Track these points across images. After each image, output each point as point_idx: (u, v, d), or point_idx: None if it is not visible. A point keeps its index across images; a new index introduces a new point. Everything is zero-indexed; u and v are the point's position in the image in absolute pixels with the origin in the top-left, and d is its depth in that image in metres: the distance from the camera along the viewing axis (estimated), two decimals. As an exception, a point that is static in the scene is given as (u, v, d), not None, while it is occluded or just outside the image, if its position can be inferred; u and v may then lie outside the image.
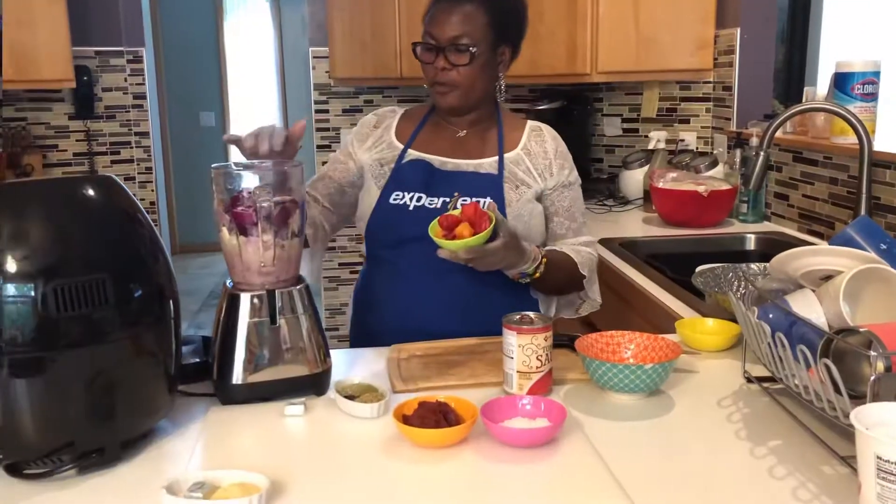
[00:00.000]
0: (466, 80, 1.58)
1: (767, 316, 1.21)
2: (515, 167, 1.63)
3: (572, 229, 1.69)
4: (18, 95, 3.59)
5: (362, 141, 1.70)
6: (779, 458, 1.04)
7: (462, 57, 1.56)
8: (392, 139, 1.68)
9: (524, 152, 1.66)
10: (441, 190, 1.59)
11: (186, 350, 1.32)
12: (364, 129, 1.72)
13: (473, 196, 1.57)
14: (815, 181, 2.46)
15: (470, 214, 1.36)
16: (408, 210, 1.58)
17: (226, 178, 1.22)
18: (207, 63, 7.08)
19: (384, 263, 1.63)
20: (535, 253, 1.51)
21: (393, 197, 1.60)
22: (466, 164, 1.63)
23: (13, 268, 0.96)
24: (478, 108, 1.66)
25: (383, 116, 1.73)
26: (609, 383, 1.21)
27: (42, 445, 1.00)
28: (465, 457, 1.06)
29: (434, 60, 1.58)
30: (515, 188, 1.61)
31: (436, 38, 1.57)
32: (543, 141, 1.68)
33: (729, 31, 2.93)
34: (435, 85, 1.60)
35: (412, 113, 1.73)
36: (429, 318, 1.55)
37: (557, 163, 1.67)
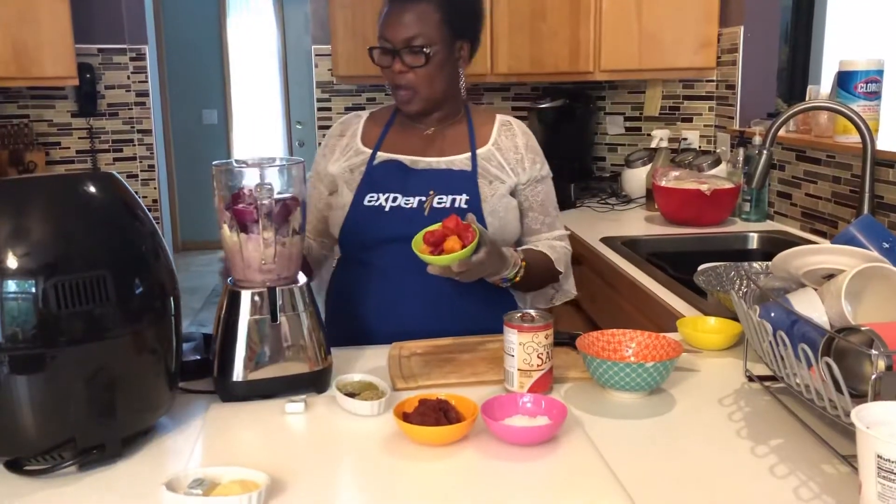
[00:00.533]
0: (424, 81, 1.57)
1: (769, 314, 1.20)
2: (487, 163, 1.63)
3: (546, 224, 1.69)
4: (21, 93, 3.60)
5: (329, 154, 1.69)
6: (780, 456, 1.04)
7: (417, 58, 1.54)
8: (359, 145, 1.67)
9: (495, 147, 1.65)
10: (416, 189, 1.58)
11: (187, 347, 1.32)
12: (331, 141, 1.71)
13: (449, 193, 1.57)
14: (818, 180, 2.45)
15: (454, 227, 1.35)
16: (384, 211, 1.57)
17: (227, 176, 1.22)
18: (210, 61, 7.09)
19: (361, 265, 1.62)
20: (515, 258, 1.51)
21: (367, 199, 1.58)
22: (438, 162, 1.63)
23: (14, 264, 0.96)
24: (442, 107, 1.65)
25: (348, 124, 1.72)
26: (610, 382, 1.21)
27: (43, 442, 1.00)
28: (466, 455, 1.06)
29: (391, 64, 1.56)
30: (489, 183, 1.61)
31: (390, 40, 1.55)
32: (514, 135, 1.68)
33: (732, 30, 2.92)
34: (395, 88, 1.59)
35: (377, 115, 1.72)
36: (408, 318, 1.56)
37: (529, 157, 1.67)
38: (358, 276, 1.62)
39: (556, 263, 1.64)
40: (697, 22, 2.95)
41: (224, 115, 7.23)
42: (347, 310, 1.64)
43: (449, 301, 1.57)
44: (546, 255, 1.63)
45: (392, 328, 1.52)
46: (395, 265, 1.56)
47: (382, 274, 1.58)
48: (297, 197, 1.24)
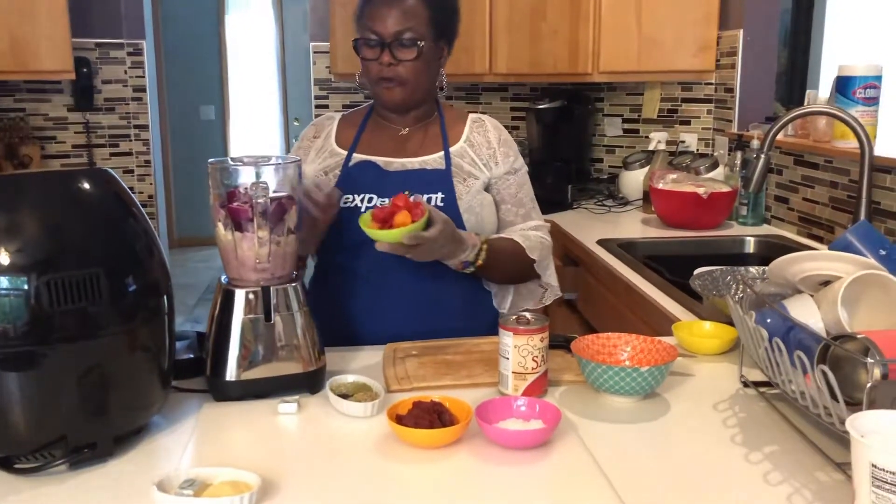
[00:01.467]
0: (412, 75, 1.57)
1: (765, 320, 1.20)
2: (460, 160, 1.63)
3: (520, 215, 1.68)
4: (18, 86, 3.58)
5: (304, 156, 1.68)
6: (774, 463, 1.04)
7: (409, 51, 1.55)
8: (333, 146, 1.66)
9: (467, 144, 1.65)
10: (391, 190, 1.55)
11: (180, 346, 1.31)
12: (304, 142, 1.70)
13: (424, 192, 1.57)
14: (815, 185, 2.45)
15: (403, 205, 1.35)
16: (359, 212, 1.55)
17: (222, 174, 1.22)
18: (208, 57, 7.07)
19: (339, 269, 1.61)
20: (473, 240, 1.50)
21: (343, 200, 1.57)
22: (412, 163, 1.62)
23: (6, 260, 0.95)
24: (421, 105, 1.65)
25: (321, 126, 1.71)
26: (604, 385, 1.21)
27: (34, 440, 0.99)
28: (459, 458, 1.05)
29: (378, 56, 1.56)
30: (463, 181, 1.61)
31: (379, 33, 1.55)
32: (486, 131, 1.68)
33: (732, 33, 2.92)
34: (380, 81, 1.58)
35: (350, 118, 1.72)
36: (391, 320, 1.55)
37: (502, 151, 1.66)
38: (338, 281, 1.61)
39: (528, 251, 1.61)
40: (697, 24, 2.95)
41: (221, 112, 7.22)
42: (330, 316, 1.60)
43: (431, 300, 1.56)
44: (515, 242, 1.61)
45: (376, 331, 1.52)
46: (374, 267, 1.56)
47: (363, 277, 1.58)
48: (292, 196, 1.24)
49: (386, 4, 1.55)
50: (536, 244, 1.64)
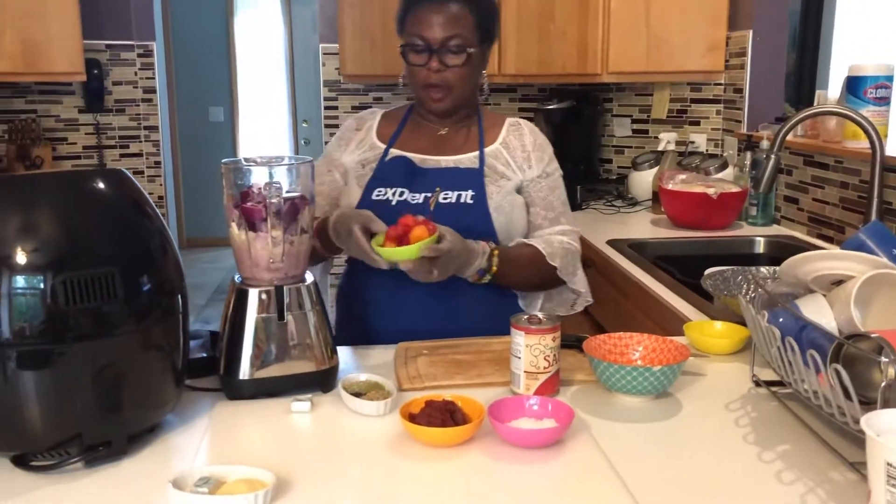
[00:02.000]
0: (460, 81, 1.58)
1: (777, 320, 1.20)
2: (494, 161, 1.64)
3: (549, 219, 1.67)
4: (29, 88, 3.60)
5: (345, 145, 1.69)
6: (787, 463, 1.04)
7: (457, 57, 1.55)
8: (374, 140, 1.68)
9: (503, 146, 1.66)
10: (423, 186, 1.59)
11: (194, 345, 1.32)
12: (346, 133, 1.71)
13: (454, 189, 1.58)
14: (825, 185, 2.45)
15: (412, 223, 1.34)
16: (390, 205, 1.57)
17: (235, 174, 1.22)
18: (217, 58, 7.10)
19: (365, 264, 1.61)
20: (481, 247, 1.50)
21: (375, 193, 1.59)
22: (446, 161, 1.63)
23: (22, 260, 0.96)
24: (465, 108, 1.66)
25: (363, 119, 1.73)
26: (616, 385, 1.21)
27: (49, 438, 1.00)
28: (472, 456, 1.06)
29: (426, 62, 1.56)
30: (495, 181, 1.62)
31: (426, 39, 1.55)
32: (522, 135, 1.68)
33: (741, 34, 2.92)
34: (427, 87, 1.59)
35: (391, 114, 1.73)
36: (412, 316, 1.56)
37: (536, 154, 1.67)
38: (365, 273, 1.62)
39: (548, 258, 1.59)
40: (706, 25, 2.94)
41: (231, 113, 7.23)
42: (355, 307, 1.64)
43: (454, 299, 1.56)
44: (534, 248, 1.60)
45: (397, 326, 1.52)
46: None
47: (386, 271, 1.58)
48: (305, 196, 1.24)
49: (433, 10, 1.55)
50: (558, 251, 1.62)
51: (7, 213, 0.97)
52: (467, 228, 1.55)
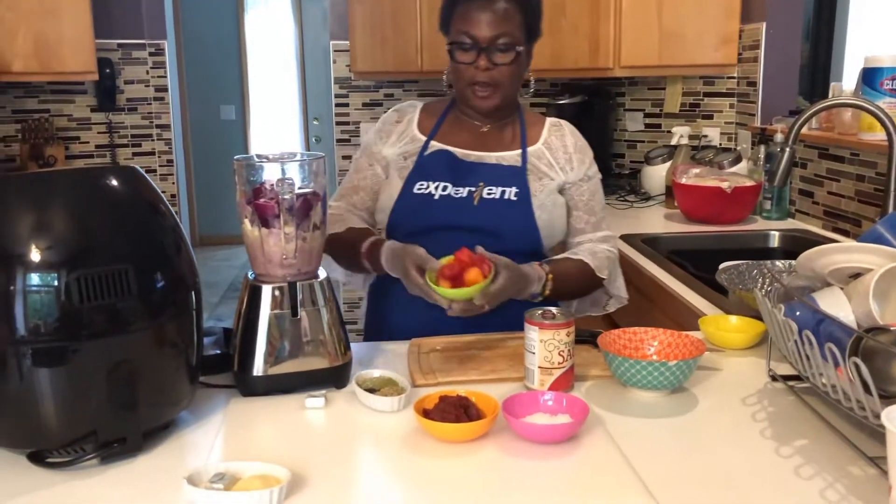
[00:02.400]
0: (507, 80, 1.56)
1: (794, 313, 1.19)
2: (537, 160, 1.63)
3: (591, 223, 1.67)
4: (42, 87, 3.62)
5: (385, 137, 1.68)
6: (805, 458, 1.02)
7: (506, 56, 1.54)
8: (415, 132, 1.67)
9: (545, 146, 1.65)
10: (466, 180, 1.59)
11: (207, 341, 1.32)
12: (387, 125, 1.70)
13: (498, 185, 1.57)
14: (841, 178, 2.42)
15: (468, 259, 1.32)
16: (433, 199, 1.57)
17: (248, 170, 1.22)
18: (228, 56, 7.11)
19: None
20: (538, 272, 1.49)
21: (417, 187, 1.59)
22: (489, 156, 1.63)
23: (37, 258, 0.96)
24: (509, 105, 1.64)
25: (404, 111, 1.72)
26: (632, 380, 1.20)
27: (65, 434, 1.00)
28: (486, 452, 1.05)
29: (474, 60, 1.54)
30: (539, 179, 1.61)
31: (475, 37, 1.53)
32: (563, 136, 1.68)
33: (754, 26, 2.89)
34: (474, 86, 1.57)
35: (431, 107, 1.72)
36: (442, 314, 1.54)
37: (577, 157, 1.66)
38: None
39: (597, 271, 1.61)
40: (718, 18, 2.92)
41: (242, 111, 7.25)
42: (388, 298, 1.63)
43: None
44: (583, 263, 1.60)
45: (428, 320, 1.50)
46: (437, 254, 1.55)
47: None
48: (317, 191, 1.24)
49: (481, 8, 1.53)
50: (604, 262, 1.63)
51: (21, 210, 0.98)
52: (510, 226, 1.56)
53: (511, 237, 1.57)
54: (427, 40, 3.38)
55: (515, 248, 1.55)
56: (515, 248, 1.55)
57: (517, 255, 1.56)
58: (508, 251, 1.53)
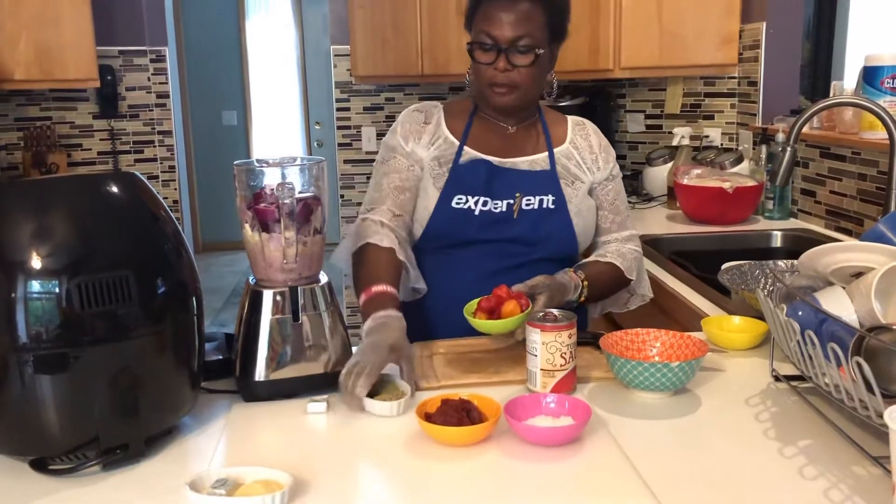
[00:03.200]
0: (527, 81, 1.54)
1: (797, 313, 1.19)
2: (567, 161, 1.62)
3: (616, 223, 1.68)
4: (44, 95, 3.63)
5: (418, 138, 1.62)
6: (809, 458, 1.02)
7: (525, 58, 1.51)
8: (447, 134, 1.62)
9: (572, 146, 1.64)
10: (502, 192, 1.56)
11: (209, 347, 1.32)
12: (415, 126, 1.63)
13: (535, 194, 1.56)
14: (843, 177, 2.42)
15: (506, 295, 1.32)
16: (473, 215, 1.54)
17: (248, 175, 1.22)
18: (229, 62, 7.12)
19: (437, 261, 1.59)
20: (575, 281, 1.50)
21: (455, 200, 1.55)
22: (521, 162, 1.60)
23: (38, 264, 0.96)
24: (529, 106, 1.63)
25: (429, 112, 1.66)
26: (634, 381, 1.20)
27: (67, 441, 1.00)
28: (489, 455, 1.05)
29: (494, 61, 1.52)
30: (571, 184, 1.60)
31: (495, 38, 1.51)
32: (588, 135, 1.67)
33: (754, 26, 2.89)
34: (492, 86, 1.55)
35: (452, 108, 1.67)
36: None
37: (603, 156, 1.66)
38: (435, 266, 1.60)
39: (626, 272, 1.62)
40: (719, 18, 2.92)
41: (244, 117, 7.26)
42: (427, 302, 1.61)
43: None
44: (614, 266, 1.61)
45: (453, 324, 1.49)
46: (470, 266, 1.56)
47: (461, 267, 1.57)
48: (318, 196, 1.24)
49: (503, 9, 1.51)
50: (632, 263, 1.64)
51: (21, 217, 0.98)
52: (549, 234, 1.56)
53: (550, 245, 1.57)
54: (427, 44, 3.38)
55: (552, 255, 1.57)
56: (552, 256, 1.57)
57: (552, 261, 1.56)
58: (545, 258, 1.56)
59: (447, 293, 1.57)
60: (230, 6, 7.07)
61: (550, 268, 1.52)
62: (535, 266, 1.53)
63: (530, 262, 1.56)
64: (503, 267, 1.55)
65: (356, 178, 4.03)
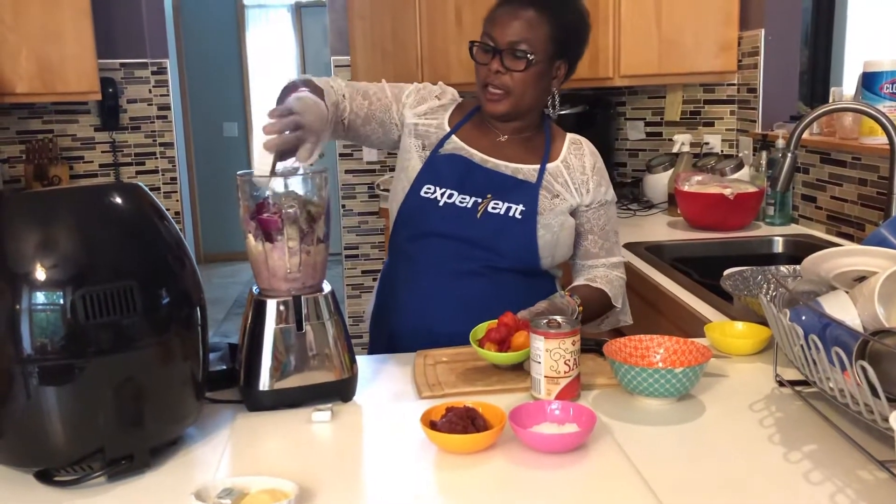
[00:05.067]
0: (518, 87, 1.56)
1: (800, 318, 1.19)
2: (553, 179, 1.62)
3: (605, 248, 1.68)
4: (45, 108, 3.64)
5: (419, 102, 1.68)
6: (814, 462, 1.02)
7: (518, 63, 1.54)
8: (444, 121, 1.67)
9: (563, 165, 1.64)
10: (473, 189, 1.58)
11: (213, 357, 1.32)
12: (426, 91, 1.70)
13: (505, 200, 1.57)
14: (843, 182, 2.42)
15: (513, 324, 1.33)
16: (437, 205, 1.57)
17: (251, 185, 1.22)
18: (230, 74, 7.15)
19: (404, 258, 1.62)
20: (572, 306, 1.51)
21: (424, 190, 1.59)
22: (506, 166, 1.62)
23: (42, 276, 0.96)
24: (524, 118, 1.63)
25: (445, 94, 1.71)
26: (638, 388, 1.20)
27: (72, 452, 1.00)
28: (494, 463, 1.05)
29: (489, 62, 1.56)
30: (550, 198, 1.60)
31: (495, 39, 1.55)
32: (582, 155, 1.66)
33: (753, 33, 2.90)
34: (486, 87, 1.58)
35: (463, 105, 1.72)
36: (442, 318, 1.54)
37: (595, 179, 1.65)
38: (400, 269, 1.63)
39: (613, 299, 1.65)
40: (717, 25, 2.93)
41: (244, 128, 7.28)
42: (388, 303, 1.64)
43: (485, 305, 1.53)
44: (604, 293, 1.64)
45: (427, 327, 1.52)
46: (435, 262, 1.56)
47: (422, 270, 1.58)
48: (321, 205, 1.24)
49: (509, 14, 1.55)
50: (619, 290, 1.67)
51: (25, 229, 0.98)
52: (510, 243, 1.56)
53: (510, 254, 1.57)
54: (427, 54, 3.39)
55: (513, 265, 1.57)
56: (513, 266, 1.57)
57: (515, 272, 1.57)
58: (506, 267, 1.55)
59: (409, 295, 1.59)
60: (230, 18, 7.11)
61: (513, 279, 1.54)
62: (497, 274, 1.54)
63: (492, 269, 1.56)
64: (465, 270, 1.54)
65: (357, 189, 4.04)
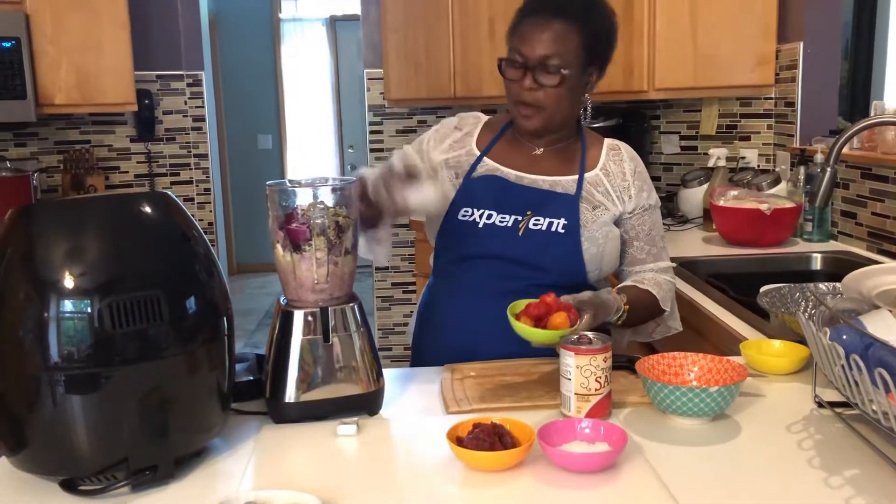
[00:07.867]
0: (553, 102, 1.52)
1: (841, 337, 1.15)
2: (594, 188, 1.58)
3: (652, 254, 1.63)
4: (83, 119, 3.70)
5: (440, 141, 1.65)
6: (857, 488, 0.98)
7: (552, 78, 1.49)
8: (472, 147, 1.63)
9: (603, 173, 1.60)
10: (513, 207, 1.54)
11: (240, 367, 1.31)
12: (444, 129, 1.67)
13: (546, 216, 1.53)
14: (885, 198, 2.36)
15: (553, 304, 1.28)
16: (476, 227, 1.53)
17: (280, 195, 1.22)
18: (265, 86, 7.22)
19: (447, 278, 1.60)
20: (618, 302, 1.45)
21: (462, 213, 1.55)
22: (543, 181, 1.58)
23: (70, 284, 0.96)
24: (559, 130, 1.59)
25: (466, 121, 1.68)
26: (671, 407, 1.17)
27: (97, 462, 1.00)
28: (522, 481, 1.03)
29: (521, 79, 1.51)
30: (592, 209, 1.56)
31: (525, 55, 1.50)
32: (621, 161, 1.62)
33: (791, 46, 2.86)
34: (519, 105, 1.54)
35: (493, 124, 1.68)
36: (485, 340, 1.50)
37: (636, 185, 1.60)
38: (444, 289, 1.60)
39: (661, 302, 1.58)
40: (754, 39, 2.89)
41: (279, 140, 7.34)
42: (430, 324, 1.62)
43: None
44: (652, 295, 1.57)
45: (469, 348, 1.49)
46: (478, 283, 1.53)
47: (465, 291, 1.55)
48: (349, 216, 1.23)
49: (537, 27, 1.50)
50: (668, 294, 1.60)
51: (54, 236, 0.98)
52: (554, 259, 1.51)
53: (555, 270, 1.52)
54: (460, 67, 3.39)
55: (559, 281, 1.50)
56: (559, 282, 1.50)
57: (561, 288, 1.52)
58: (550, 283, 1.48)
59: (452, 315, 1.56)
60: (266, 31, 7.18)
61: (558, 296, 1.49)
62: (541, 292, 1.47)
63: (536, 286, 1.48)
64: (508, 290, 1.48)
65: (389, 201, 4.04)
